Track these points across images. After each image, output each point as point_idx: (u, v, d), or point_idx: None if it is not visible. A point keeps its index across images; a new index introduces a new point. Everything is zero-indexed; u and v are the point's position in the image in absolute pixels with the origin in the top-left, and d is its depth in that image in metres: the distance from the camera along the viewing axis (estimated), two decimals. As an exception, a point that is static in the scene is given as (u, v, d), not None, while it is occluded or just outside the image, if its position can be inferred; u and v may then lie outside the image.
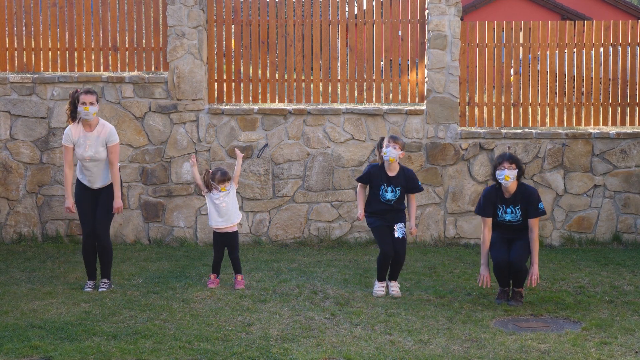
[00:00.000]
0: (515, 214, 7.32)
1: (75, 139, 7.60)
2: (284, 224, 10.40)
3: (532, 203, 7.31)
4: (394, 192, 7.64)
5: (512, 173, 7.25)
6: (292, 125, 10.38)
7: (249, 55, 10.65)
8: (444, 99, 10.37)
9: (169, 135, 10.35)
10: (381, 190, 7.66)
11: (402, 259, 7.66)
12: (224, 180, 7.81)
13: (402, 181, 7.67)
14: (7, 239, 10.36)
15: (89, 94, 7.51)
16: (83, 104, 7.48)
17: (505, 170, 7.25)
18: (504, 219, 7.37)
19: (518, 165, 7.31)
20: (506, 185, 7.30)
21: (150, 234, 10.40)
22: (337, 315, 6.78)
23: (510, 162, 7.26)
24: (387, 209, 7.68)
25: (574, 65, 10.61)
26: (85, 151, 7.56)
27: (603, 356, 5.71)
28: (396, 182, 7.65)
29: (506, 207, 7.35)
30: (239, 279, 7.85)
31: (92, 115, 7.53)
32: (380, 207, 7.69)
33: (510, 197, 7.34)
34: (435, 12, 10.34)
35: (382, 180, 7.66)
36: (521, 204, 7.32)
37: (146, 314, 6.75)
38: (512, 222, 7.35)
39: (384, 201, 7.66)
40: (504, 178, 7.25)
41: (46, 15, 10.51)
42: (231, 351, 5.71)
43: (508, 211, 7.34)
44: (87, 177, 7.65)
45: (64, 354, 5.58)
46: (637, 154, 10.42)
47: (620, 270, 8.81)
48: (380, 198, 7.67)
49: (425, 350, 5.83)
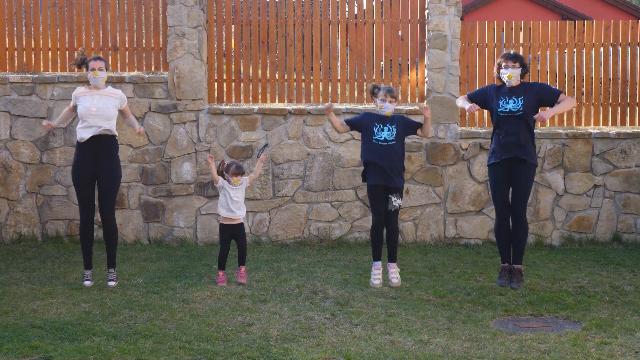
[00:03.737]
0: (517, 103, 7.27)
1: (81, 97, 7.66)
2: (284, 224, 10.40)
3: (545, 95, 7.33)
4: (391, 131, 7.37)
5: (515, 72, 7.31)
6: (292, 125, 10.39)
7: (249, 55, 10.65)
8: (444, 99, 10.37)
9: (169, 135, 10.35)
10: (376, 130, 7.39)
11: (395, 235, 7.52)
12: (238, 174, 7.89)
13: (398, 120, 7.47)
14: (7, 239, 10.36)
15: (98, 60, 7.68)
16: (92, 69, 7.61)
17: (510, 68, 7.30)
18: (505, 109, 7.29)
19: (522, 64, 7.36)
20: (509, 83, 7.33)
21: (150, 234, 10.40)
22: (337, 315, 6.78)
23: (514, 61, 7.32)
24: (384, 151, 7.34)
25: (574, 65, 10.61)
26: (93, 104, 7.58)
27: (603, 356, 5.71)
28: (391, 121, 7.43)
29: (508, 98, 7.31)
30: (243, 270, 7.92)
31: (101, 80, 7.65)
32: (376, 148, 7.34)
33: (514, 87, 7.34)
34: (435, 12, 10.34)
35: (375, 120, 7.42)
36: (524, 94, 7.29)
37: (146, 314, 6.75)
38: (513, 112, 7.26)
39: (381, 141, 7.35)
40: (507, 76, 7.31)
41: (46, 15, 10.51)
42: (231, 351, 5.71)
43: (510, 101, 7.29)
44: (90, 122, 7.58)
45: (64, 354, 5.58)
46: (637, 154, 10.42)
47: (620, 270, 8.81)
48: (375, 138, 7.36)
49: (425, 350, 5.83)
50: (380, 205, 7.44)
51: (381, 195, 7.42)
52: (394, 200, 7.42)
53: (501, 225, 7.43)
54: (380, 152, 7.36)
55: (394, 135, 7.39)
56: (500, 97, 7.37)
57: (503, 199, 7.40)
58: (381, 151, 7.36)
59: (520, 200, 7.34)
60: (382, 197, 7.43)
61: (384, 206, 7.44)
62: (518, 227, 7.38)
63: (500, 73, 7.39)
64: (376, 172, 7.38)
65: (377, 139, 7.38)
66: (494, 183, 7.44)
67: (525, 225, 7.38)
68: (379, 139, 7.38)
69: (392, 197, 7.42)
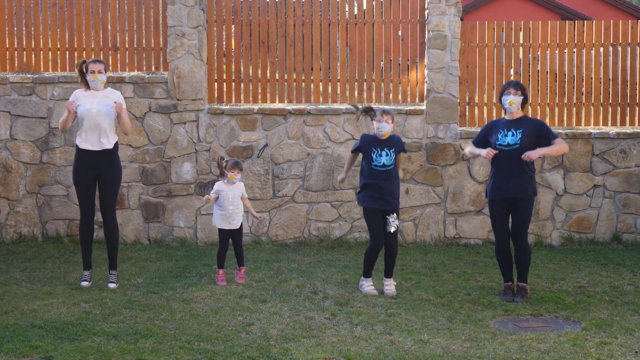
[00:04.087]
0: (515, 136, 7.34)
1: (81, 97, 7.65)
2: (284, 224, 10.40)
3: (542, 131, 7.40)
4: (389, 156, 7.48)
5: (517, 99, 7.42)
6: (292, 125, 10.39)
7: (249, 55, 10.66)
8: (444, 99, 10.37)
9: (169, 135, 10.35)
10: (374, 155, 7.49)
11: (394, 254, 7.60)
12: (234, 168, 7.94)
13: (395, 145, 7.58)
14: (7, 239, 10.36)
15: (97, 62, 7.68)
16: (92, 72, 7.62)
17: (511, 95, 7.42)
18: (504, 142, 7.36)
19: (523, 93, 7.47)
20: (510, 110, 7.43)
21: (150, 234, 10.40)
22: (337, 315, 6.78)
23: (516, 89, 7.44)
24: (384, 176, 7.47)
25: (574, 65, 10.61)
26: (93, 105, 7.58)
27: (603, 356, 5.71)
28: (389, 145, 7.54)
29: (507, 130, 7.39)
30: (242, 271, 7.97)
31: (100, 83, 7.65)
32: (375, 174, 7.47)
33: (514, 121, 7.44)
34: (435, 12, 10.34)
35: (372, 145, 7.52)
36: (523, 128, 7.36)
37: (146, 314, 6.75)
38: (511, 146, 7.33)
39: (379, 166, 7.47)
40: (508, 103, 7.41)
41: (46, 15, 10.51)
42: (231, 351, 5.71)
43: (509, 134, 7.36)
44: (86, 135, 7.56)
45: (64, 354, 5.58)
46: (637, 154, 10.42)
47: (620, 270, 8.81)
48: (374, 164, 7.47)
49: (425, 350, 5.83)
50: (377, 227, 7.53)
51: (378, 216, 7.55)
52: (391, 221, 7.52)
53: (501, 248, 7.52)
54: (379, 178, 7.49)
55: (392, 160, 7.54)
56: (499, 130, 7.46)
57: (503, 227, 7.51)
58: (380, 176, 7.50)
59: (520, 229, 7.44)
60: (379, 219, 7.55)
61: (382, 228, 7.54)
62: (520, 254, 7.47)
63: (502, 100, 7.50)
64: (374, 196, 7.50)
65: (375, 164, 7.51)
66: (493, 216, 7.58)
67: (528, 250, 7.48)
68: (377, 164, 7.51)
69: (389, 218, 7.52)
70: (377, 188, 7.48)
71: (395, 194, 7.56)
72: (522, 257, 7.45)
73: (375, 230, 7.54)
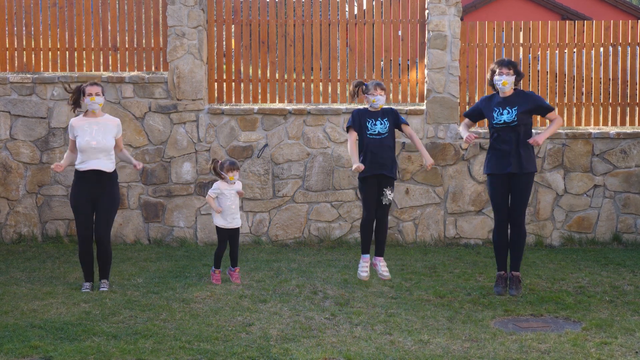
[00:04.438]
0: (511, 114, 7.36)
1: (79, 128, 7.59)
2: (284, 224, 10.40)
3: (538, 104, 7.44)
4: (383, 124, 7.46)
5: (509, 79, 7.41)
6: (292, 125, 10.39)
7: (249, 55, 10.66)
8: (444, 99, 10.37)
9: (169, 135, 10.35)
10: (369, 125, 7.47)
11: (384, 229, 7.57)
12: (233, 169, 7.93)
13: (388, 115, 7.55)
14: (7, 239, 10.36)
15: (95, 85, 7.64)
16: (89, 95, 7.57)
17: (504, 75, 7.39)
18: (500, 120, 7.39)
19: (516, 71, 7.45)
20: (503, 90, 7.43)
21: (150, 234, 10.40)
22: (337, 315, 6.78)
23: (508, 68, 7.41)
24: (378, 144, 7.42)
25: (574, 65, 10.61)
26: (92, 137, 7.53)
27: (603, 356, 5.70)
28: (382, 115, 7.52)
29: (502, 108, 7.40)
30: (237, 272, 8.01)
31: (98, 105, 7.61)
32: (370, 142, 7.43)
33: (507, 98, 7.44)
34: (435, 12, 10.34)
35: (366, 116, 7.52)
36: (518, 104, 7.38)
37: (146, 314, 6.75)
38: (508, 123, 7.36)
39: (375, 134, 7.44)
40: (501, 83, 7.40)
41: (46, 15, 10.51)
42: (231, 351, 5.70)
43: (504, 112, 7.38)
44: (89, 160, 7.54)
45: (64, 354, 5.58)
46: (637, 154, 10.42)
47: (620, 270, 8.81)
48: (369, 133, 7.45)
49: (425, 350, 5.83)
50: (372, 198, 7.46)
51: (375, 187, 7.46)
52: (388, 193, 7.48)
53: (499, 232, 7.53)
54: (374, 144, 7.43)
55: (386, 129, 7.49)
56: (494, 108, 7.47)
57: (502, 206, 7.50)
58: (376, 143, 7.43)
59: (518, 207, 7.45)
60: (375, 190, 7.46)
61: (376, 199, 7.48)
62: (516, 233, 7.49)
63: (494, 80, 7.48)
64: (372, 163, 7.41)
65: (371, 133, 7.46)
66: (492, 192, 7.55)
67: (524, 232, 7.49)
68: (372, 132, 7.46)
69: (386, 190, 7.48)
70: (372, 156, 7.41)
71: (392, 161, 7.49)
72: (517, 241, 7.44)
73: (368, 202, 7.47)
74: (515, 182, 7.41)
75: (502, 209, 7.48)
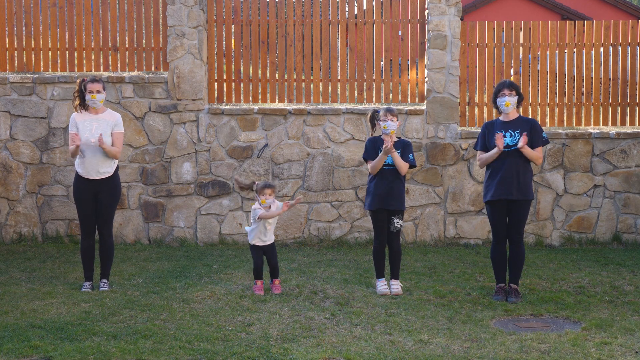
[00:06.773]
0: (514, 137, 7.40)
1: (80, 123, 7.60)
2: (284, 224, 10.40)
3: (536, 131, 7.46)
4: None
5: (512, 100, 7.46)
6: (292, 125, 10.39)
7: (249, 55, 10.65)
8: (444, 99, 10.37)
9: (169, 135, 10.35)
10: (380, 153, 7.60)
11: (398, 254, 7.68)
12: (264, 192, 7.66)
13: (401, 148, 7.65)
14: (7, 239, 10.36)
15: (96, 82, 7.65)
16: (90, 92, 7.59)
17: (506, 97, 7.45)
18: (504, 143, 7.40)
19: (518, 92, 7.51)
20: (506, 111, 7.49)
21: (150, 234, 10.40)
22: (337, 315, 6.78)
23: (510, 90, 7.47)
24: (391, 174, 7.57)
25: (574, 65, 10.61)
26: (92, 134, 7.56)
27: (603, 356, 5.71)
28: (396, 147, 7.62)
29: (505, 131, 7.44)
30: (276, 283, 7.74)
31: (99, 102, 7.64)
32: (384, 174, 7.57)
33: (510, 122, 7.49)
34: (435, 12, 10.34)
35: (379, 146, 7.60)
36: (521, 128, 7.43)
37: (146, 314, 6.75)
38: (510, 146, 7.39)
39: (385, 166, 7.58)
40: (504, 105, 7.45)
41: (46, 15, 10.51)
42: (231, 351, 5.71)
43: (507, 135, 7.42)
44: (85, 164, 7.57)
45: (64, 354, 5.58)
46: (637, 154, 10.42)
47: (620, 270, 8.81)
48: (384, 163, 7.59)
49: (425, 350, 5.83)
50: (383, 228, 7.66)
51: (385, 218, 7.65)
52: (396, 221, 7.65)
53: (497, 249, 7.56)
54: (386, 176, 7.58)
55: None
56: (496, 132, 7.47)
57: (500, 229, 7.53)
58: (388, 175, 7.59)
59: (516, 228, 7.48)
60: (385, 220, 7.66)
61: (386, 228, 7.66)
62: (515, 252, 7.51)
63: (497, 102, 7.52)
64: (383, 198, 7.59)
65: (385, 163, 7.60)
66: (492, 217, 7.58)
67: (522, 250, 7.52)
68: (385, 163, 7.60)
69: (394, 218, 7.65)
70: (384, 189, 7.58)
71: (401, 193, 7.66)
72: (516, 258, 7.48)
73: (378, 231, 7.69)
74: (516, 207, 7.45)
75: (501, 230, 7.53)
